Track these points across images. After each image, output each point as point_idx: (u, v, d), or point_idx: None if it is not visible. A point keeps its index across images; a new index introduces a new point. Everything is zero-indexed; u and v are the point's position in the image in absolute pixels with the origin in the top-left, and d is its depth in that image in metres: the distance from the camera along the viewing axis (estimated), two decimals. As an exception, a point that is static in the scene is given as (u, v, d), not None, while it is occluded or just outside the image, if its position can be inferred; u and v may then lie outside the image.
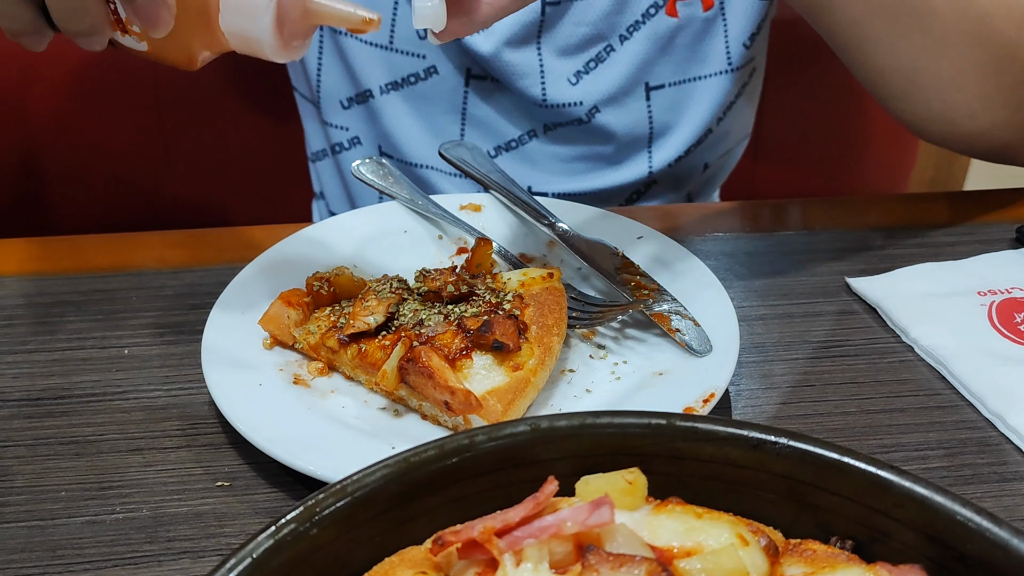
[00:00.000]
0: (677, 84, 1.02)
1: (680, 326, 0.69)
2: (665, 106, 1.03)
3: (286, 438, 0.60)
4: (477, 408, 0.60)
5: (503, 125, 1.03)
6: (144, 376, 0.70)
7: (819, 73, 1.32)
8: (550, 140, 1.03)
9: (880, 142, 1.42)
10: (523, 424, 0.50)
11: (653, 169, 1.05)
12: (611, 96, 1.00)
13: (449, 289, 0.68)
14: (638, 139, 1.04)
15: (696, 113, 1.04)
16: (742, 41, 1.02)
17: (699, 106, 1.04)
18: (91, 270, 0.82)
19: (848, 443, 0.64)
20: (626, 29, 0.98)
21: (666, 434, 0.51)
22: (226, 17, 0.58)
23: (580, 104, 1.00)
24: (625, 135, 1.02)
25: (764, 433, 0.49)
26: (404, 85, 1.00)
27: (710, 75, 1.03)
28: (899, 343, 0.73)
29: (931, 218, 0.90)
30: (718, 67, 1.02)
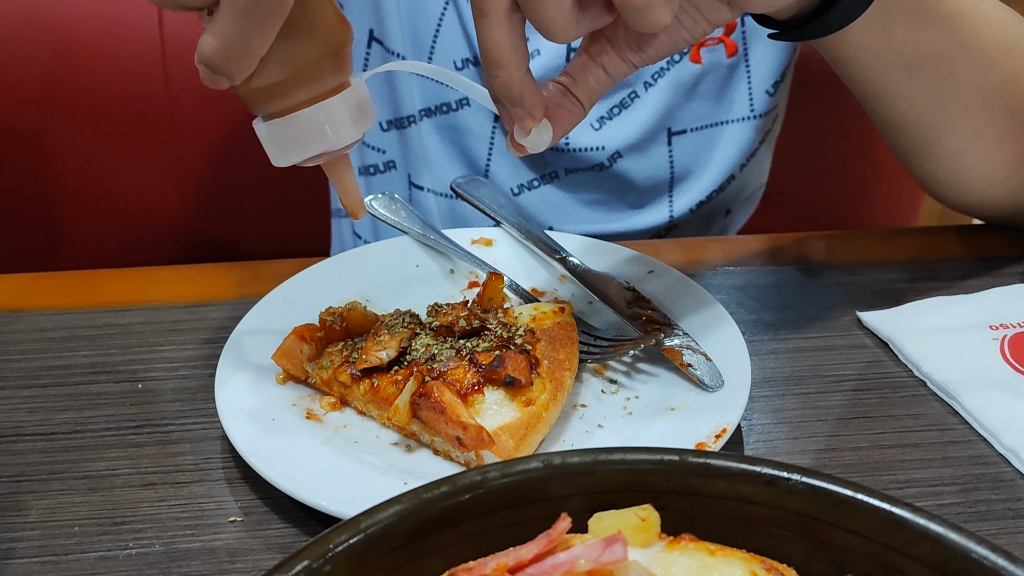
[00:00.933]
0: (699, 129, 1.03)
1: (692, 361, 0.69)
2: (687, 151, 1.04)
3: (299, 473, 0.60)
4: (489, 444, 0.60)
5: (526, 165, 1.03)
6: (158, 410, 0.71)
7: (828, 108, 1.32)
8: (571, 183, 1.04)
9: (890, 176, 1.42)
10: (535, 460, 0.50)
11: (674, 214, 1.06)
12: (634, 142, 1.01)
13: (461, 324, 0.68)
14: (659, 184, 1.04)
15: (719, 159, 1.05)
16: (765, 88, 1.03)
17: (722, 152, 1.05)
18: (107, 304, 0.83)
19: (861, 479, 0.64)
20: (651, 76, 0.99)
21: (679, 470, 0.51)
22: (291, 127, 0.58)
23: (602, 149, 1.01)
24: (646, 180, 1.03)
25: (776, 469, 0.49)
26: (437, 113, 1.02)
27: (733, 121, 1.03)
28: (911, 377, 0.73)
29: (942, 252, 0.90)
30: (741, 113, 1.03)
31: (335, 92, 0.57)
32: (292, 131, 0.57)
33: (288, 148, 0.58)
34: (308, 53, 0.55)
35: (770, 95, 1.04)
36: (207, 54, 0.51)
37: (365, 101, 0.59)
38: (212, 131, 1.30)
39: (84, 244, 1.34)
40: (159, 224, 1.35)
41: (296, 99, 0.57)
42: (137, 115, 1.26)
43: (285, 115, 0.57)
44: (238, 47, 0.51)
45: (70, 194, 1.30)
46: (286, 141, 0.58)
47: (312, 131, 0.57)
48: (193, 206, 1.34)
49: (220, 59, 0.52)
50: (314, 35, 0.55)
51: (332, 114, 0.57)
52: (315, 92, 0.57)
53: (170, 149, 1.30)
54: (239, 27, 0.50)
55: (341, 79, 0.58)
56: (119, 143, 1.28)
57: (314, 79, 0.56)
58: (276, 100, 0.56)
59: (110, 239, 1.34)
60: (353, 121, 0.58)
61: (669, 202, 1.06)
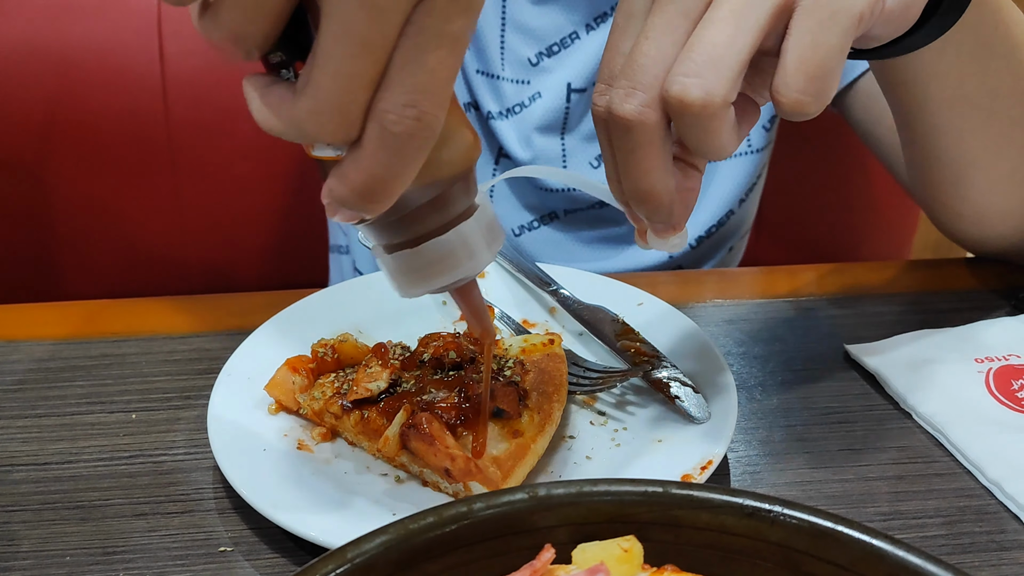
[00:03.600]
0: None
1: (679, 393, 0.70)
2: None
3: (289, 504, 0.61)
4: (477, 475, 0.61)
5: (525, 207, 1.05)
6: (151, 441, 0.71)
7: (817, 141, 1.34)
8: (570, 223, 1.05)
9: (884, 207, 1.43)
10: (521, 492, 0.51)
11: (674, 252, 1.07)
12: None
13: (451, 356, 0.69)
14: None
15: (716, 195, 1.06)
16: (762, 124, 1.04)
17: (719, 188, 1.06)
18: (102, 335, 0.84)
19: (846, 511, 0.64)
20: None
21: (663, 502, 0.51)
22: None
23: None
24: None
25: (758, 501, 0.50)
26: None
27: (731, 157, 1.05)
28: (897, 410, 0.74)
29: (931, 285, 0.91)
30: (739, 149, 1.04)
31: (466, 215, 0.51)
32: (424, 261, 0.51)
33: (421, 279, 0.52)
34: (443, 178, 0.49)
35: (767, 130, 1.05)
36: (346, 194, 0.44)
37: (494, 220, 0.53)
38: (211, 162, 1.31)
39: (82, 274, 1.35)
40: (157, 255, 1.35)
41: (428, 227, 0.50)
42: (136, 145, 1.27)
43: (415, 245, 0.51)
44: (385, 183, 0.44)
45: (68, 224, 1.31)
46: (418, 272, 0.52)
47: (446, 260, 0.51)
48: (191, 237, 1.34)
49: (362, 197, 0.44)
50: (451, 159, 0.49)
51: (467, 240, 0.51)
52: (447, 218, 0.50)
53: (169, 180, 1.31)
54: (388, 161, 0.43)
55: (471, 200, 0.52)
56: (118, 173, 1.28)
57: (447, 204, 0.50)
58: (406, 230, 0.51)
59: (108, 269, 1.35)
60: (488, 244, 0.52)
61: None
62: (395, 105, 0.42)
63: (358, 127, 0.43)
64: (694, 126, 0.51)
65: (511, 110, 1.01)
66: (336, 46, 0.41)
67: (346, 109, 0.42)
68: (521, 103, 1.01)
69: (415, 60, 0.41)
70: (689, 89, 0.49)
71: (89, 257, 1.34)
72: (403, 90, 0.42)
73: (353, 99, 0.42)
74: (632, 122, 0.51)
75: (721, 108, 0.50)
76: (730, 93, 0.50)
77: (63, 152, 1.26)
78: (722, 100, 0.50)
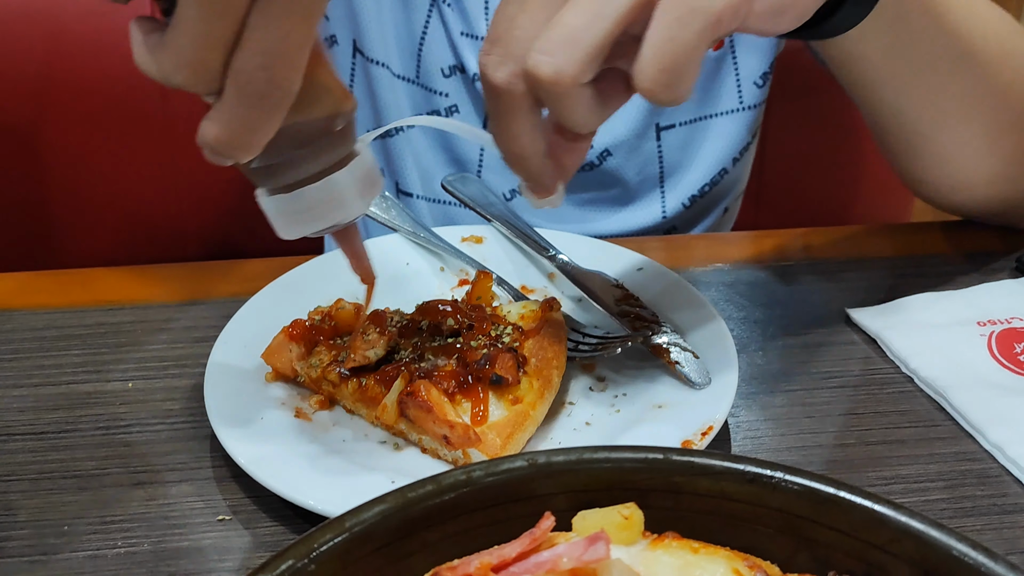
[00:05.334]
0: (688, 123, 1.03)
1: (679, 358, 0.69)
2: (676, 145, 1.04)
3: (287, 472, 0.60)
4: (476, 442, 0.60)
5: None
6: (148, 409, 0.71)
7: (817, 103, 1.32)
8: None
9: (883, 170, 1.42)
10: (520, 459, 0.50)
11: (667, 212, 1.05)
12: (623, 139, 1.01)
13: (449, 323, 0.68)
14: (649, 179, 1.04)
15: (709, 153, 1.05)
16: (753, 80, 1.03)
17: (712, 145, 1.05)
18: (98, 303, 0.83)
19: (847, 476, 0.64)
20: None
21: (663, 469, 0.51)
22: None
23: (591, 148, 1.01)
24: (636, 176, 1.03)
25: (760, 467, 0.49)
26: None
27: (722, 114, 1.04)
28: (899, 374, 0.74)
29: (932, 247, 0.91)
30: (730, 106, 1.03)
31: (343, 164, 0.54)
32: (298, 207, 0.54)
33: (295, 223, 0.55)
34: (313, 129, 0.52)
35: (759, 87, 1.04)
36: (210, 141, 0.47)
37: (372, 171, 0.56)
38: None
39: (77, 242, 1.34)
40: (154, 220, 1.34)
41: (301, 174, 0.53)
42: (131, 111, 1.26)
43: (291, 190, 0.53)
44: (244, 135, 0.47)
45: (63, 191, 1.30)
46: (293, 216, 0.55)
47: (319, 206, 0.54)
48: (187, 203, 1.33)
49: (224, 146, 0.47)
50: (319, 111, 0.51)
51: (339, 189, 0.54)
52: (321, 166, 0.53)
53: (164, 146, 1.29)
54: (245, 115, 0.46)
55: (346, 150, 0.54)
56: (113, 140, 1.27)
57: (319, 154, 0.53)
58: (280, 176, 0.53)
59: (104, 236, 1.34)
60: (360, 194, 0.55)
61: (661, 198, 1.06)
62: (248, 66, 0.44)
63: (218, 81, 0.45)
64: (549, 100, 0.53)
65: None
66: (191, 8, 0.43)
67: (202, 65, 0.45)
68: None
69: (266, 26, 0.44)
70: (540, 66, 0.51)
71: (85, 223, 1.33)
72: (255, 52, 0.44)
73: (208, 57, 0.44)
74: (501, 89, 0.54)
75: (571, 87, 0.51)
76: (581, 73, 0.51)
77: (57, 117, 1.25)
78: (571, 79, 0.51)
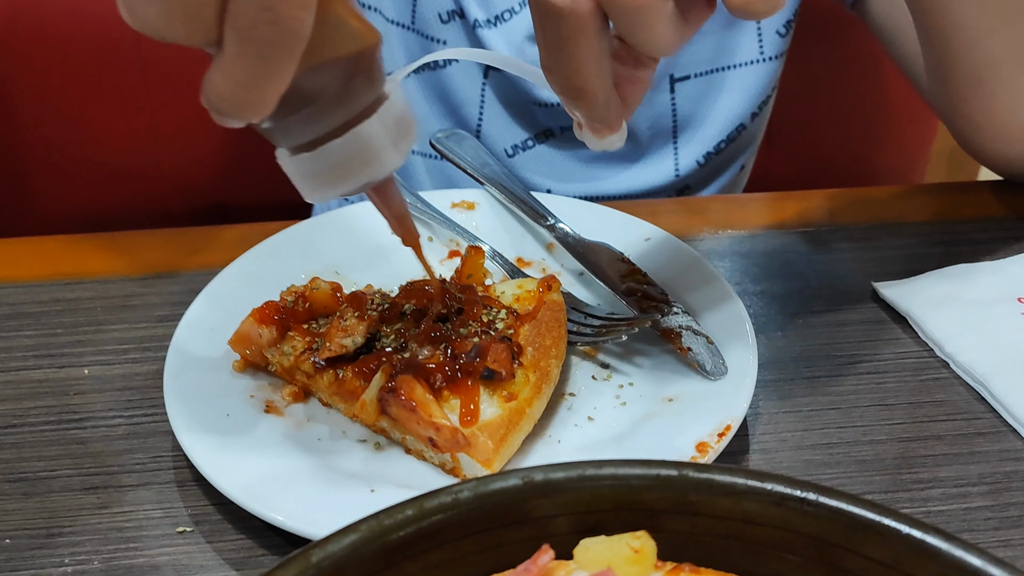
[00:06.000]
0: (704, 75, 0.95)
1: (692, 344, 0.62)
2: (691, 98, 0.96)
3: (254, 480, 0.54)
4: (465, 446, 0.54)
5: (519, 124, 0.96)
6: (104, 400, 0.64)
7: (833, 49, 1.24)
8: (567, 140, 0.96)
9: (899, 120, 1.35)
10: (514, 477, 0.44)
11: (680, 169, 0.97)
12: None
13: (436, 307, 0.61)
14: (661, 135, 0.96)
15: (726, 105, 0.97)
16: (776, 28, 0.94)
17: (729, 98, 0.97)
18: (55, 277, 0.76)
19: (879, 479, 0.58)
20: None
21: (677, 486, 0.45)
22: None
23: None
24: (647, 131, 0.95)
25: (788, 487, 0.43)
26: (423, 70, 0.94)
27: (741, 65, 0.95)
28: (933, 358, 0.67)
29: (963, 211, 0.83)
30: (750, 56, 0.95)
31: (371, 111, 0.46)
32: (324, 165, 0.47)
33: (322, 184, 0.48)
34: (334, 74, 0.44)
35: (781, 36, 0.96)
36: (215, 101, 0.41)
37: (405, 116, 0.48)
38: (184, 70, 1.21)
39: (50, 198, 1.27)
40: (132, 174, 1.27)
41: (324, 128, 0.46)
42: (104, 54, 1.18)
43: (314, 148, 0.46)
44: (252, 90, 0.40)
45: (36, 140, 1.23)
46: (319, 177, 0.47)
47: (349, 163, 0.47)
48: (167, 153, 1.26)
49: (231, 105, 0.41)
50: (338, 51, 0.43)
51: (370, 140, 0.46)
52: (348, 115, 0.46)
53: (140, 90, 1.22)
54: (251, 67, 0.40)
55: (374, 94, 0.47)
56: (85, 85, 1.20)
57: (344, 101, 0.46)
58: (300, 132, 0.46)
59: (82, 188, 1.27)
60: (394, 143, 0.48)
61: (674, 154, 0.98)
62: (248, 8, 0.39)
63: (214, 30, 0.40)
64: (624, 17, 0.46)
65: (499, 17, 0.91)
66: None
67: (194, 12, 0.39)
68: (511, 9, 0.91)
69: None
70: None
71: (61, 175, 1.26)
72: None
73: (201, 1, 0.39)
74: (564, 10, 0.47)
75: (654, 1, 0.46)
76: None
77: (26, 64, 1.17)
78: None
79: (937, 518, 0.55)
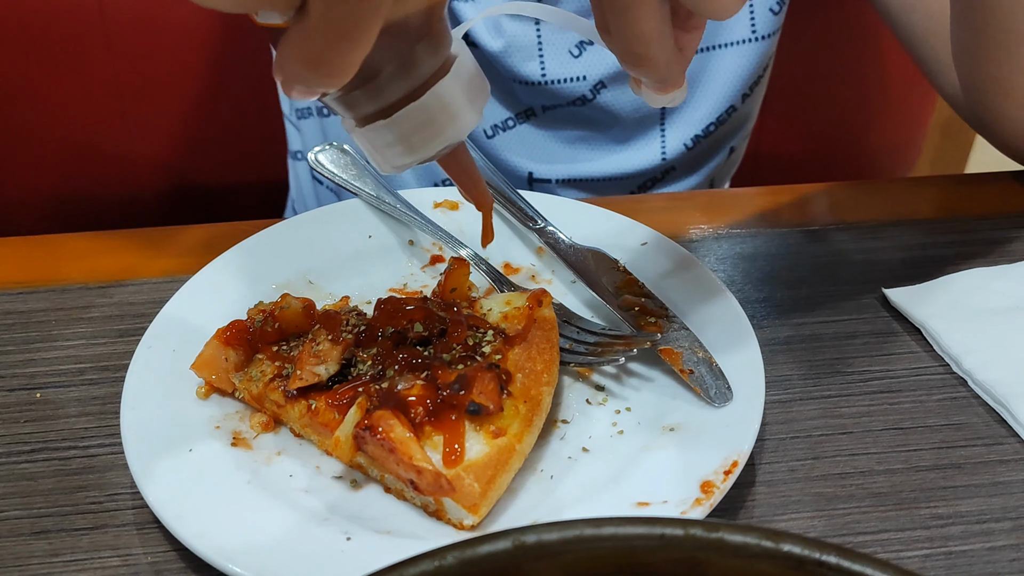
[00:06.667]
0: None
1: (693, 367, 0.58)
2: None
3: (219, 528, 0.49)
4: (450, 491, 0.49)
5: (498, 103, 0.90)
6: (58, 428, 0.59)
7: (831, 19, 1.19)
8: (550, 120, 0.91)
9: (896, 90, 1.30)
10: (503, 540, 0.40)
11: (667, 152, 0.92)
12: (619, 71, 0.87)
13: (416, 328, 0.56)
14: (648, 117, 0.91)
15: (715, 87, 0.91)
16: (769, 6, 0.89)
17: (718, 79, 0.91)
18: (5, 285, 0.71)
19: (896, 513, 0.54)
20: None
21: (684, 547, 0.40)
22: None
23: (583, 80, 0.87)
24: (633, 112, 0.90)
25: (807, 548, 0.39)
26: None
27: (732, 44, 0.90)
28: (950, 374, 0.63)
29: (977, 207, 0.78)
30: (741, 35, 0.89)
31: (443, 71, 0.44)
32: (402, 132, 0.45)
33: (401, 153, 0.46)
34: (411, 31, 0.42)
35: (775, 13, 0.90)
36: (298, 69, 0.38)
37: (477, 72, 0.46)
38: (152, 47, 1.15)
39: (15, 178, 1.21)
40: (100, 151, 1.21)
41: (399, 92, 0.44)
42: (69, 31, 1.12)
43: (388, 114, 0.44)
44: (338, 53, 0.38)
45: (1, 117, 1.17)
46: (397, 145, 0.45)
47: (427, 127, 0.45)
48: (136, 128, 1.20)
49: (316, 72, 0.38)
50: (416, 4, 0.41)
51: (448, 100, 0.44)
52: (420, 79, 0.44)
53: (107, 69, 1.16)
54: (337, 28, 0.37)
55: (446, 52, 0.45)
56: (51, 63, 1.14)
57: (416, 64, 0.43)
58: (375, 98, 0.44)
59: (46, 170, 1.21)
60: (470, 101, 0.46)
61: (661, 137, 0.93)
62: None
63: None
64: None
65: None
66: None
67: None
68: None
69: None
70: None
71: (28, 156, 1.20)
72: None
73: None
74: None
75: None
76: None
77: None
78: None
79: (959, 560, 0.51)
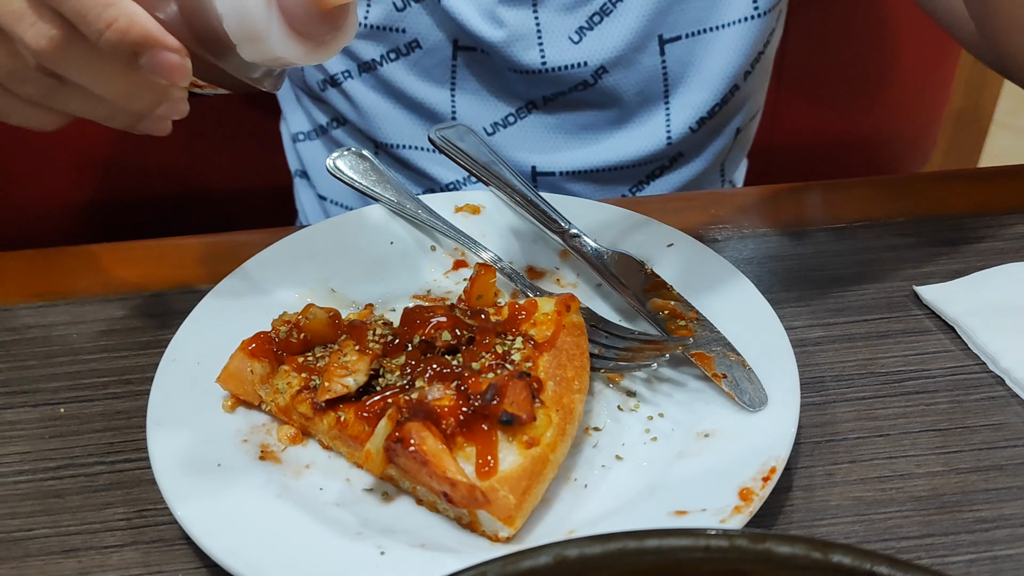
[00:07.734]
0: (695, 35, 0.87)
1: (727, 370, 0.57)
2: (682, 60, 0.88)
3: (250, 545, 0.48)
4: (484, 504, 0.48)
5: (497, 100, 0.89)
6: (83, 444, 0.59)
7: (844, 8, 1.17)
8: (552, 110, 0.89)
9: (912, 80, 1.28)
10: (544, 554, 0.39)
11: (673, 135, 0.90)
12: (621, 54, 0.86)
13: (445, 337, 0.55)
14: (651, 99, 0.89)
15: (718, 67, 0.89)
16: None
17: (721, 58, 0.89)
18: (23, 299, 0.70)
19: (938, 517, 0.53)
20: None
21: (729, 558, 0.40)
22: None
23: (584, 65, 0.86)
24: (635, 95, 0.88)
25: (857, 559, 0.39)
26: (384, 63, 0.86)
27: (733, 23, 0.87)
28: (986, 373, 0.61)
29: (1009, 200, 0.77)
30: (742, 13, 0.87)
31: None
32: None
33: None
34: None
35: None
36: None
37: None
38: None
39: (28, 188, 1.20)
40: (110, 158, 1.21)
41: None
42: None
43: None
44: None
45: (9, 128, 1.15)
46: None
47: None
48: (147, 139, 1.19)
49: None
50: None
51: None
52: None
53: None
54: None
55: None
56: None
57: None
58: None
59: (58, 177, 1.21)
60: None
61: (666, 120, 0.91)
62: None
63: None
64: None
65: None
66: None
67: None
68: None
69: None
70: None
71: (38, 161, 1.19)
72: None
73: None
74: None
75: None
76: None
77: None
78: None
79: (1005, 564, 0.50)
